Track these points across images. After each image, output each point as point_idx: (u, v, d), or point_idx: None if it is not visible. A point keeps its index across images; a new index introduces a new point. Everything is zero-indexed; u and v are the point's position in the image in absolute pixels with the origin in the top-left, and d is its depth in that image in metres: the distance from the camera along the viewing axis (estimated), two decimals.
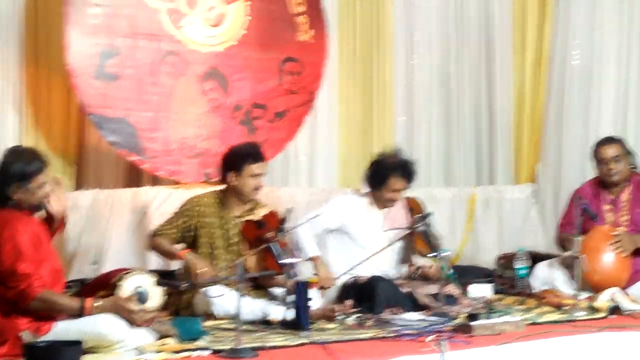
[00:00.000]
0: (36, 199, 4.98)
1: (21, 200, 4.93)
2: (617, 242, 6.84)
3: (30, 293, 4.78)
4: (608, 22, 9.06)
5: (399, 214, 6.81)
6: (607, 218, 7.06)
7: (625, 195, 7.10)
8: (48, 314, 4.89)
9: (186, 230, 6.38)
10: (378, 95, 9.20)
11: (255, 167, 6.38)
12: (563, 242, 7.05)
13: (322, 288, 6.50)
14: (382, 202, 6.75)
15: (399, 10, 9.30)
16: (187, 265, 6.26)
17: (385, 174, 6.68)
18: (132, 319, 4.99)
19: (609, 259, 6.85)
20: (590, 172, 8.38)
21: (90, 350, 4.86)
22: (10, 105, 7.84)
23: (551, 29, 9.37)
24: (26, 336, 4.83)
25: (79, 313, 4.90)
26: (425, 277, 6.63)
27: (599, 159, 7.14)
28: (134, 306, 5.02)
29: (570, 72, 9.18)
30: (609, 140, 7.21)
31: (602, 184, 7.15)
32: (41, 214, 5.07)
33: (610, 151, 7.09)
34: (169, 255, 6.46)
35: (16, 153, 5.05)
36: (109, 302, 5.00)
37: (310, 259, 6.56)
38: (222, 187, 6.60)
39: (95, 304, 4.94)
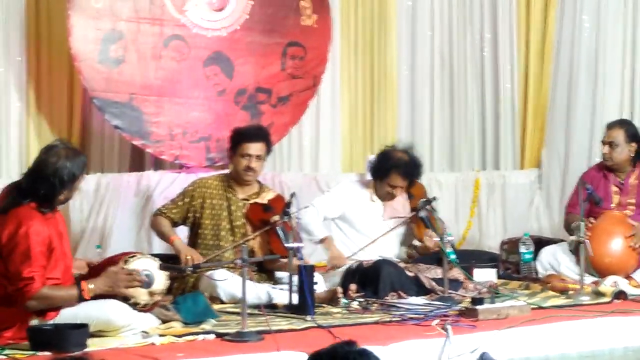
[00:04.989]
0: (74, 195, 5.01)
1: (62, 200, 4.95)
2: (634, 235, 6.81)
3: (27, 293, 4.75)
4: (614, 5, 9.00)
5: (399, 202, 6.80)
6: (614, 200, 7.03)
7: (632, 180, 7.08)
8: (48, 309, 4.86)
9: (188, 211, 6.38)
10: (381, 79, 9.17)
11: (245, 147, 6.35)
12: (569, 225, 7.01)
13: (334, 268, 6.49)
14: (379, 193, 6.75)
15: None
16: (175, 250, 6.29)
17: (388, 167, 6.66)
18: (126, 281, 4.98)
19: (618, 242, 6.83)
20: (595, 157, 8.36)
21: (97, 334, 4.87)
22: (13, 90, 7.82)
23: (556, 11, 9.32)
24: (34, 321, 4.83)
25: (79, 299, 4.89)
26: (424, 251, 6.61)
27: (602, 140, 7.14)
28: (124, 266, 5.02)
29: (577, 56, 9.13)
30: (613, 124, 7.16)
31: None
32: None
33: (608, 135, 7.07)
34: (162, 236, 6.48)
35: (67, 157, 4.94)
36: (102, 277, 4.98)
37: (321, 240, 6.55)
38: (228, 170, 6.61)
39: (90, 285, 4.91)
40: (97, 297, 4.95)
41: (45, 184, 4.85)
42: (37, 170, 4.92)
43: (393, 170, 6.62)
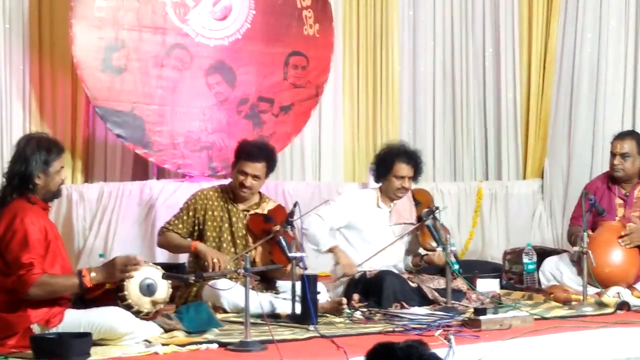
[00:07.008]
0: (55, 184, 5.00)
1: (42, 187, 4.96)
2: (626, 234, 6.80)
3: (28, 280, 4.75)
4: (616, 15, 9.01)
5: (404, 208, 6.77)
6: (618, 212, 7.02)
7: (637, 192, 7.05)
8: (49, 297, 4.86)
9: (193, 225, 6.36)
10: (383, 89, 9.19)
11: (244, 164, 6.33)
12: (572, 236, 7.01)
13: (345, 276, 6.47)
14: (389, 193, 6.70)
15: (404, 4, 9.29)
16: (200, 255, 6.24)
17: (390, 160, 6.65)
18: (122, 264, 4.97)
19: (619, 253, 6.82)
20: (597, 167, 8.36)
21: (100, 342, 4.86)
22: (15, 99, 7.83)
23: (557, 22, 9.34)
24: (36, 329, 4.82)
25: (81, 287, 4.88)
26: (430, 264, 6.60)
27: (610, 151, 7.11)
28: (122, 258, 5.02)
29: (579, 66, 9.15)
30: (624, 135, 7.14)
31: (614, 177, 7.09)
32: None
33: (620, 146, 7.03)
34: (180, 248, 6.45)
35: (34, 140, 5.05)
36: (101, 266, 5.00)
37: (329, 250, 6.53)
38: (227, 181, 6.59)
39: (92, 274, 4.92)
40: (99, 304, 4.95)
41: (20, 168, 4.92)
42: (12, 162, 5.01)
43: (396, 159, 6.63)
